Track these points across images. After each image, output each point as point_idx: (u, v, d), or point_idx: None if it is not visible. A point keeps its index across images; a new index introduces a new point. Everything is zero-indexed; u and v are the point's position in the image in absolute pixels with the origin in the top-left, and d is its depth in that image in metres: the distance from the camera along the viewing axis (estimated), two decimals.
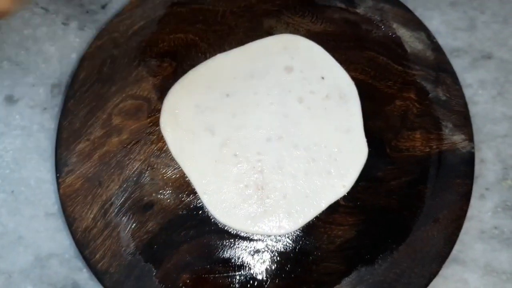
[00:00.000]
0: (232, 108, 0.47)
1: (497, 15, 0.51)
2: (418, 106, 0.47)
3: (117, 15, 0.49)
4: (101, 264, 0.42)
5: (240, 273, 0.43)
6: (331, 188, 0.44)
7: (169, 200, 0.44)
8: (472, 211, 0.45)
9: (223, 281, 0.42)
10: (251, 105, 0.47)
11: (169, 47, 0.48)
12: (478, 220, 0.46)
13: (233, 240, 0.43)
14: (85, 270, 0.45)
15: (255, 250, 0.43)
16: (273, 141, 0.46)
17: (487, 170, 0.47)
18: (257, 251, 0.43)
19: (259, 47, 0.48)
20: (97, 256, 0.42)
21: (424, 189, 0.44)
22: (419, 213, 0.44)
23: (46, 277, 0.45)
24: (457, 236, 0.43)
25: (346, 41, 0.49)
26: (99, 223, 0.43)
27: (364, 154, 0.45)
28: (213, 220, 0.44)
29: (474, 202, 0.45)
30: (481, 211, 0.46)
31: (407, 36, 0.49)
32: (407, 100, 0.47)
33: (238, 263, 0.43)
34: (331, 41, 0.48)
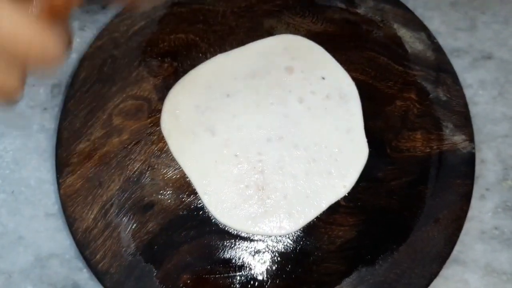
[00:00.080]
0: (233, 108, 0.46)
1: (497, 16, 0.51)
2: (418, 106, 0.47)
3: (117, 15, 0.49)
4: (101, 264, 0.42)
5: (241, 273, 0.43)
6: (331, 189, 0.44)
7: (169, 201, 0.44)
8: (472, 211, 0.45)
9: (224, 282, 0.42)
10: (251, 105, 0.47)
11: (170, 47, 0.48)
12: (478, 220, 0.46)
13: (233, 241, 0.43)
14: (85, 270, 0.45)
15: (255, 250, 0.43)
16: (273, 141, 0.46)
17: (487, 171, 0.47)
18: (258, 252, 0.43)
19: (260, 47, 0.48)
20: (98, 257, 0.42)
21: (424, 189, 0.44)
22: (419, 213, 0.44)
23: (46, 277, 0.45)
24: (457, 236, 0.43)
25: (346, 41, 0.48)
26: (99, 223, 0.43)
27: (365, 154, 0.45)
28: (213, 220, 0.44)
29: (474, 202, 0.45)
30: (482, 211, 0.46)
31: (407, 36, 0.49)
32: (407, 100, 0.47)
33: (239, 264, 0.43)
34: (331, 41, 0.48)
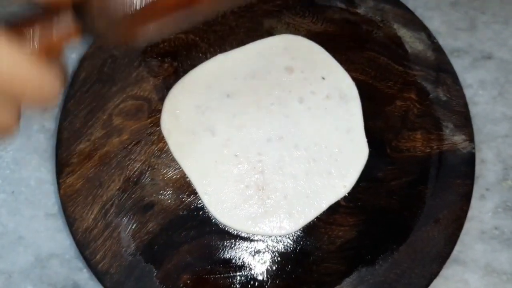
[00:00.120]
0: (233, 108, 0.46)
1: (497, 16, 0.51)
2: (418, 106, 0.47)
3: None
4: (101, 264, 0.42)
5: (241, 273, 0.43)
6: (331, 189, 0.44)
7: (169, 201, 0.44)
8: (472, 211, 0.45)
9: (224, 282, 0.42)
10: (251, 105, 0.47)
11: (170, 47, 0.48)
12: (478, 220, 0.46)
13: (233, 241, 0.43)
14: (85, 270, 0.45)
15: (255, 250, 0.43)
16: (273, 141, 0.46)
17: (487, 171, 0.47)
18: (258, 252, 0.43)
19: (260, 47, 0.48)
20: (98, 257, 0.42)
21: (424, 189, 0.44)
22: (419, 213, 0.44)
23: (46, 278, 0.45)
24: (457, 236, 0.43)
25: (346, 41, 0.48)
26: (99, 223, 0.43)
27: (365, 154, 0.45)
28: (213, 220, 0.44)
29: (474, 202, 0.45)
30: (482, 211, 0.46)
31: (407, 36, 0.49)
32: (407, 100, 0.47)
33: (239, 264, 0.43)
34: (331, 41, 0.48)
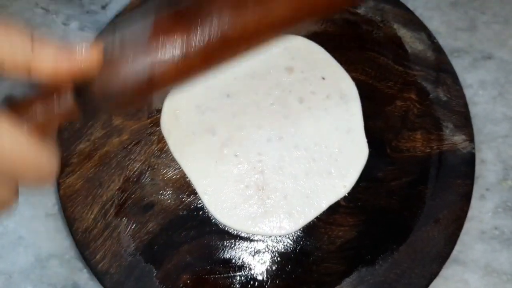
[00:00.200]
0: (233, 108, 0.46)
1: (497, 16, 0.51)
2: (418, 106, 0.47)
3: (117, 15, 0.49)
4: (101, 264, 0.42)
5: (241, 273, 0.43)
6: (331, 189, 0.44)
7: (169, 201, 0.44)
8: (472, 211, 0.45)
9: (224, 282, 0.42)
10: (251, 105, 0.47)
11: None
12: (478, 220, 0.46)
13: (233, 241, 0.43)
14: (85, 270, 0.44)
15: (255, 250, 0.43)
16: (273, 141, 0.46)
17: (487, 171, 0.47)
18: (258, 252, 0.43)
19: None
20: (98, 257, 0.42)
21: (424, 189, 0.44)
22: (419, 213, 0.44)
23: (46, 278, 0.45)
24: (457, 236, 0.43)
25: (346, 41, 0.48)
26: (99, 223, 0.43)
27: (365, 154, 0.45)
28: (213, 220, 0.44)
29: (474, 202, 0.45)
30: (482, 211, 0.46)
31: (407, 36, 0.49)
32: (407, 100, 0.47)
33: (239, 264, 0.43)
34: (331, 41, 0.48)
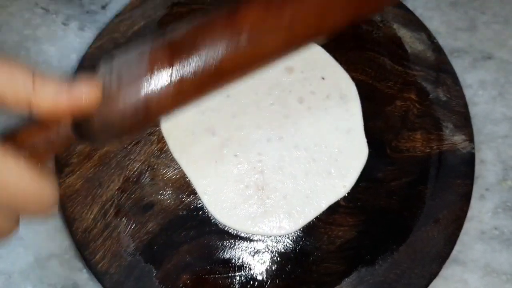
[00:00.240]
0: (233, 108, 0.46)
1: (497, 16, 0.51)
2: (418, 106, 0.47)
3: (117, 15, 0.49)
4: (101, 264, 0.42)
5: (240, 273, 0.43)
6: (331, 189, 0.44)
7: (169, 201, 0.44)
8: (472, 211, 0.45)
9: (223, 282, 0.42)
10: (251, 105, 0.47)
11: None
12: (478, 220, 0.46)
13: (233, 241, 0.43)
14: (85, 270, 0.44)
15: (255, 250, 0.43)
16: (273, 141, 0.46)
17: (487, 171, 0.47)
18: (257, 252, 0.43)
19: None
20: (97, 257, 0.42)
21: (424, 189, 0.44)
22: (419, 213, 0.44)
23: (46, 278, 0.45)
24: (457, 236, 0.43)
25: (346, 41, 0.48)
26: (99, 223, 0.43)
27: (365, 154, 0.45)
28: (213, 220, 0.44)
29: (474, 202, 0.45)
30: (481, 211, 0.46)
31: (407, 36, 0.49)
32: (407, 100, 0.47)
33: (238, 264, 0.43)
34: (331, 41, 0.48)
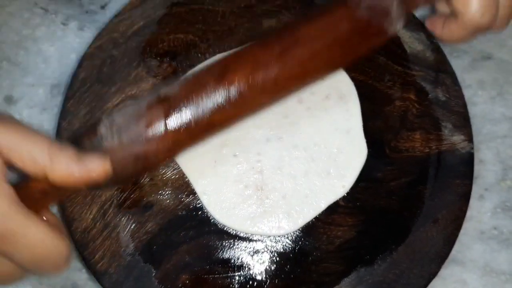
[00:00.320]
0: None
1: None
2: (417, 106, 0.47)
3: (116, 15, 0.49)
4: (100, 264, 0.42)
5: (240, 273, 0.43)
6: (330, 189, 0.44)
7: (168, 201, 0.44)
8: (471, 211, 0.45)
9: (223, 282, 0.42)
10: None
11: (169, 47, 0.48)
12: (477, 220, 0.46)
13: (232, 241, 0.43)
14: (84, 270, 0.45)
15: (254, 250, 0.43)
16: (272, 141, 0.46)
17: (486, 171, 0.47)
18: (257, 252, 0.43)
19: None
20: (97, 257, 0.42)
21: (423, 189, 0.44)
22: (418, 213, 0.44)
23: (46, 278, 0.45)
24: (456, 236, 0.43)
25: None
26: (98, 223, 0.43)
27: (364, 154, 0.45)
28: (212, 220, 0.44)
29: (473, 202, 0.45)
30: (480, 211, 0.46)
31: (406, 36, 0.49)
32: (406, 100, 0.47)
33: (238, 264, 0.43)
34: None
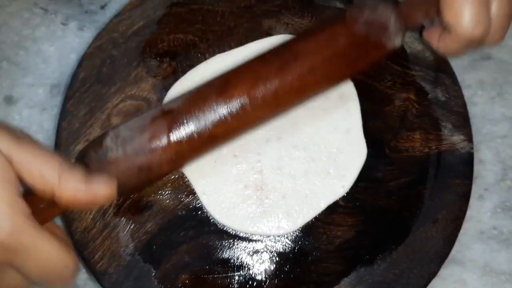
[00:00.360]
0: None
1: None
2: (417, 106, 0.47)
3: (116, 15, 0.49)
4: (100, 264, 0.42)
5: (239, 273, 0.43)
6: (330, 189, 0.44)
7: (168, 201, 0.44)
8: (471, 211, 0.45)
9: (222, 282, 0.42)
10: None
11: (169, 47, 0.48)
12: (477, 220, 0.46)
13: (232, 241, 0.43)
14: (84, 270, 0.45)
15: (254, 250, 0.43)
16: (272, 141, 0.46)
17: (486, 171, 0.47)
18: (256, 252, 0.43)
19: (259, 47, 0.48)
20: (96, 257, 0.42)
21: (423, 189, 0.44)
22: (418, 213, 0.44)
23: None
24: (456, 236, 0.43)
25: None
26: (98, 223, 0.43)
27: (364, 154, 0.45)
28: (212, 220, 0.44)
29: (473, 202, 0.45)
30: (480, 211, 0.46)
31: (406, 36, 0.48)
32: (406, 100, 0.47)
33: (237, 264, 0.43)
34: None
